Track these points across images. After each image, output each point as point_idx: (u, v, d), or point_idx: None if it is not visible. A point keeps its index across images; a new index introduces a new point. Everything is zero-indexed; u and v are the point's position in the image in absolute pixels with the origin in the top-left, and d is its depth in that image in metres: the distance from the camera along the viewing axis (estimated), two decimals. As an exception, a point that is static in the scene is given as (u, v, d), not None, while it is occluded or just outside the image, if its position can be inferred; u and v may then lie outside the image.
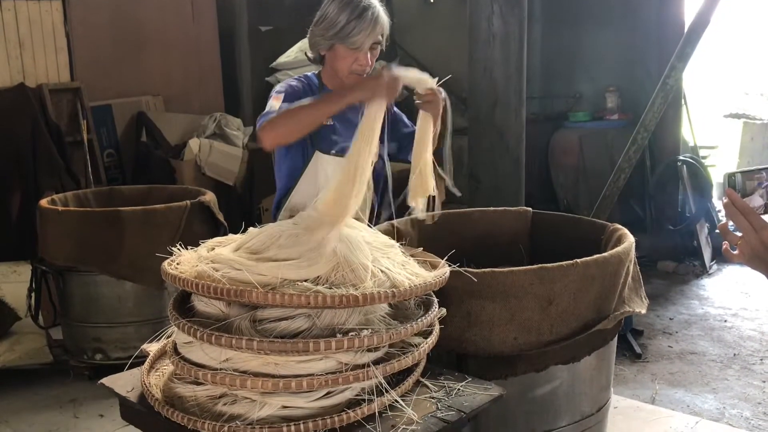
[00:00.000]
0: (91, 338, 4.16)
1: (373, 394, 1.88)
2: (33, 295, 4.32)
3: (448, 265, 2.19)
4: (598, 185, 5.38)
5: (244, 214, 2.36)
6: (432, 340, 2.06)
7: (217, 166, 5.83)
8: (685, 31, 4.95)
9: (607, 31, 6.78)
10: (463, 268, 2.28)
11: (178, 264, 2.02)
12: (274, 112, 2.52)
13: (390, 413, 1.90)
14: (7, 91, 5.23)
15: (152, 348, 2.24)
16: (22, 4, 5.36)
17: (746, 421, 3.62)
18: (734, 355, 4.46)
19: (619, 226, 2.81)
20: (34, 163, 5.13)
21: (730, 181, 1.31)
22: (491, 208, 3.40)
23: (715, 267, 6.28)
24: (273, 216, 2.87)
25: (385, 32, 2.66)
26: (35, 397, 4.06)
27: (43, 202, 4.20)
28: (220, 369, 1.82)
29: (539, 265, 2.40)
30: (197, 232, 3.81)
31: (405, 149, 2.84)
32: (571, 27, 7.01)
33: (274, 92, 2.68)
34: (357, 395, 1.89)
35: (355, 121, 2.70)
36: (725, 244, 1.33)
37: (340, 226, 2.02)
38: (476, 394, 2.04)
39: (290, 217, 2.71)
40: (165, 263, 2.01)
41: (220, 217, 4.29)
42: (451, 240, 3.01)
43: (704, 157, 6.76)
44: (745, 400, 3.85)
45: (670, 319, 5.12)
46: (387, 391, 1.89)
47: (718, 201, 6.75)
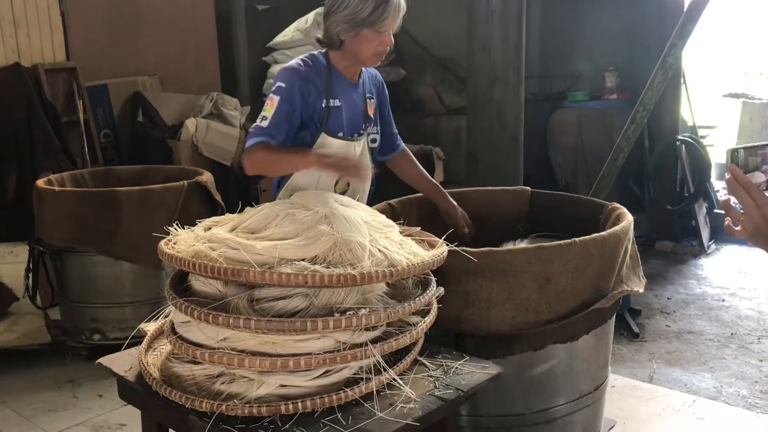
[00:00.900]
0: (89, 318, 4.16)
1: (371, 373, 1.88)
2: (30, 275, 4.31)
3: (446, 245, 2.18)
4: (597, 165, 5.36)
5: (241, 195, 2.34)
6: (430, 319, 2.06)
7: (214, 146, 5.80)
8: (685, 9, 4.92)
9: (606, 10, 6.73)
10: (461, 248, 2.27)
11: (175, 243, 2.02)
12: (263, 131, 2.57)
13: (388, 392, 1.91)
14: (2, 70, 5.19)
15: (150, 328, 2.24)
16: (17, -17, 5.31)
17: (743, 400, 3.64)
18: (732, 334, 4.47)
19: (618, 205, 2.81)
20: (31, 144, 5.11)
21: (733, 157, 1.30)
22: (489, 188, 3.39)
23: (713, 247, 6.28)
24: (274, 195, 2.86)
25: None
26: (34, 378, 4.06)
27: (40, 183, 4.18)
28: (218, 348, 1.82)
29: (537, 244, 2.39)
30: (194, 213, 3.79)
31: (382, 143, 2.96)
32: (571, 5, 6.97)
33: (276, 82, 2.65)
34: (355, 374, 1.90)
35: (354, 103, 2.72)
36: (727, 221, 1.32)
37: None
38: (474, 372, 2.04)
39: (289, 197, 2.72)
40: (162, 243, 2.00)
41: (218, 197, 4.28)
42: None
43: (703, 137, 6.74)
44: (742, 379, 3.86)
45: (668, 298, 5.12)
46: (385, 370, 1.90)
47: (716, 181, 6.74)
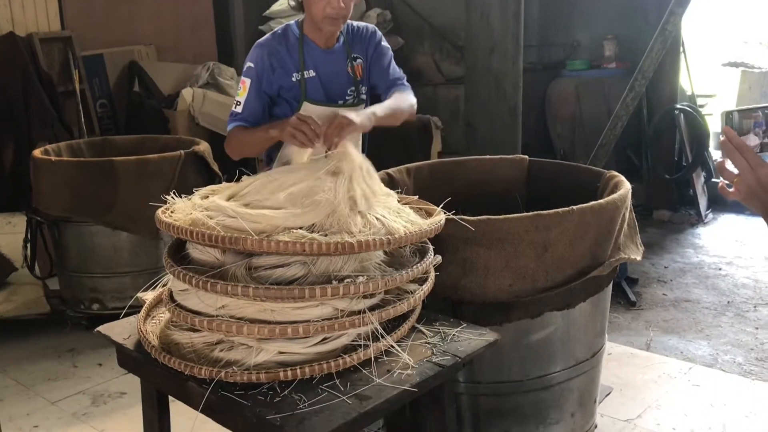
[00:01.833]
0: (88, 288, 4.17)
1: (369, 340, 1.89)
2: (29, 245, 4.32)
3: (444, 213, 2.18)
4: (595, 135, 5.35)
5: (238, 165, 2.34)
6: (427, 286, 2.06)
7: (211, 116, 5.77)
8: (685, -24, 4.87)
9: (605, -23, 6.68)
10: (458, 216, 2.27)
11: (172, 212, 2.01)
12: (238, 116, 2.64)
13: (386, 358, 1.92)
14: (-3, 40, 5.15)
15: (148, 296, 2.24)
16: (10, -50, 5.24)
17: (739, 367, 3.67)
18: (728, 302, 4.50)
19: (616, 174, 2.80)
20: (27, 114, 5.08)
21: (728, 119, 1.30)
22: (487, 156, 3.38)
23: (710, 216, 6.29)
24: (266, 164, 2.86)
25: None
26: (34, 347, 4.08)
27: (37, 153, 4.17)
28: (216, 316, 1.83)
29: (535, 212, 2.39)
30: (192, 183, 3.77)
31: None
32: (570, -27, 6.91)
33: (244, 70, 2.69)
34: (353, 341, 1.91)
35: (331, 70, 2.70)
36: (721, 182, 1.32)
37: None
38: (471, 339, 2.05)
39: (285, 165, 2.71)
40: (159, 211, 2.00)
41: (215, 167, 4.27)
42: (447, 188, 3.00)
43: (702, 106, 6.71)
44: (738, 347, 3.89)
45: (665, 267, 5.14)
46: (383, 337, 1.91)
47: (714, 150, 6.72)
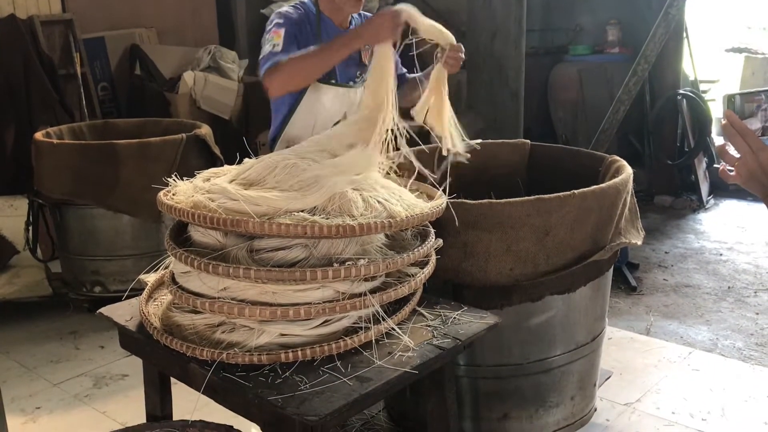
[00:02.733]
0: (90, 271, 4.18)
1: (370, 323, 1.90)
2: (30, 228, 4.33)
3: (445, 197, 2.18)
4: (597, 120, 5.34)
5: (239, 148, 2.33)
6: (428, 270, 2.07)
7: (213, 99, 5.76)
8: (689, -40, 4.84)
9: (609, -39, 6.64)
10: (459, 200, 2.28)
11: (174, 195, 2.01)
12: (278, 54, 2.49)
13: (387, 341, 1.93)
14: (-2, 22, 5.13)
15: (150, 278, 2.25)
16: (10, -68, 5.21)
17: (738, 352, 3.68)
18: (729, 288, 4.50)
19: (617, 158, 2.80)
20: (28, 97, 5.07)
21: (730, 102, 1.30)
22: (489, 141, 3.37)
23: (712, 202, 6.29)
24: (270, 148, 2.85)
25: None
26: (36, 329, 4.10)
27: (38, 136, 4.16)
28: (218, 298, 1.84)
29: (536, 196, 2.39)
30: (193, 166, 3.73)
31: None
32: (573, -44, 6.87)
33: (271, 24, 2.61)
34: (354, 323, 1.92)
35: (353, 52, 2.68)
36: (722, 166, 1.32)
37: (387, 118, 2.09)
38: (472, 322, 2.06)
39: (287, 148, 2.71)
40: (161, 194, 2.00)
41: (216, 150, 4.27)
42: (449, 172, 2.99)
43: (704, 92, 6.70)
44: (738, 332, 3.90)
45: (666, 252, 5.15)
46: (384, 320, 1.92)
47: (717, 136, 6.71)
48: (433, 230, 2.14)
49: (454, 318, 2.08)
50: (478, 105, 4.91)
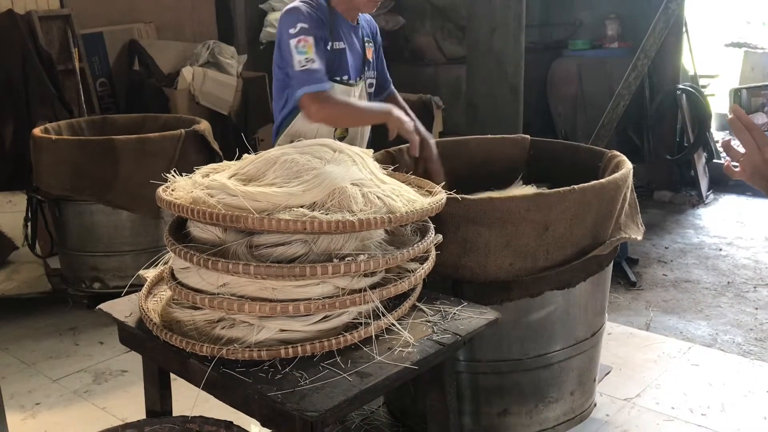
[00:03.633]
0: (89, 267, 4.18)
1: (370, 318, 1.90)
2: (29, 224, 4.32)
3: (445, 192, 2.18)
4: (597, 115, 5.34)
5: (238, 144, 2.32)
6: (428, 265, 2.07)
7: (211, 95, 5.75)
8: (689, -45, 4.83)
9: (608, -44, 6.63)
10: (459, 195, 2.27)
11: (173, 190, 2.01)
12: (317, 72, 2.51)
13: (387, 336, 1.92)
14: (-4, 18, 5.12)
15: (149, 274, 2.25)
16: (8, -73, 5.20)
17: (738, 347, 3.68)
18: (728, 283, 4.51)
19: (617, 153, 2.80)
20: (26, 92, 5.06)
21: (736, 96, 1.29)
22: (489, 136, 3.37)
23: (711, 197, 6.29)
24: (273, 141, 2.84)
25: None
26: (35, 325, 4.10)
27: (37, 131, 4.16)
28: (218, 294, 1.83)
29: (536, 192, 2.39)
30: (192, 162, 3.76)
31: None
32: (572, -49, 6.85)
33: (293, 25, 2.54)
34: (354, 319, 1.91)
35: (354, 45, 2.70)
36: (727, 161, 1.31)
37: None
38: (472, 318, 2.05)
39: (290, 143, 2.70)
40: (160, 189, 1.99)
41: (215, 146, 4.26)
42: (449, 167, 3.00)
43: (704, 86, 6.69)
44: (738, 327, 3.90)
45: (666, 248, 5.15)
46: (383, 315, 1.91)
47: (716, 131, 6.70)
48: (432, 226, 2.14)
49: (454, 313, 2.08)
50: (478, 100, 4.90)
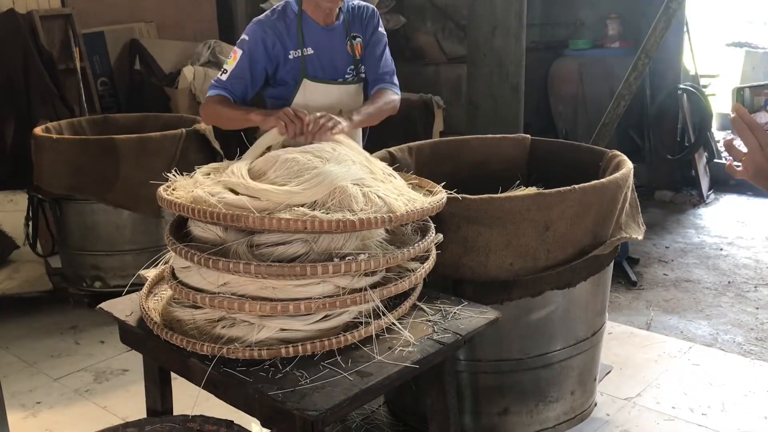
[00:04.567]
0: (90, 266, 4.18)
1: (371, 318, 1.90)
2: (30, 223, 4.32)
3: (445, 192, 2.18)
4: (598, 115, 5.32)
5: (239, 143, 2.33)
6: (429, 265, 2.07)
7: (213, 94, 5.75)
8: (690, -46, 4.82)
9: (609, -45, 6.62)
10: (460, 194, 2.27)
11: (174, 189, 2.01)
12: (222, 83, 2.63)
13: (387, 336, 1.93)
14: (-3, 17, 5.12)
15: (150, 274, 2.25)
16: (9, -74, 5.20)
17: (738, 346, 3.68)
18: (729, 282, 4.50)
19: (618, 153, 2.80)
20: (27, 92, 5.06)
21: (738, 96, 1.28)
22: (489, 135, 3.38)
23: (712, 197, 6.28)
24: None
25: None
26: (36, 324, 4.10)
27: (38, 130, 4.16)
28: (218, 293, 1.83)
29: (537, 191, 2.39)
30: (193, 161, 3.73)
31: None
32: (573, -50, 6.84)
33: (238, 42, 2.68)
34: (354, 319, 1.92)
35: (330, 48, 2.69)
36: (729, 161, 1.30)
37: None
38: (472, 317, 2.06)
39: (283, 145, 2.70)
40: (161, 189, 1.99)
41: (216, 145, 4.26)
42: (449, 167, 3.01)
43: (705, 86, 6.68)
44: (738, 326, 3.90)
45: (666, 247, 5.14)
46: (384, 315, 1.91)
47: (717, 131, 6.70)
48: (433, 225, 2.14)
49: (455, 313, 2.08)
50: (478, 99, 4.90)
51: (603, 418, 3.04)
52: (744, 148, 1.26)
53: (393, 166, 2.46)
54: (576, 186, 2.38)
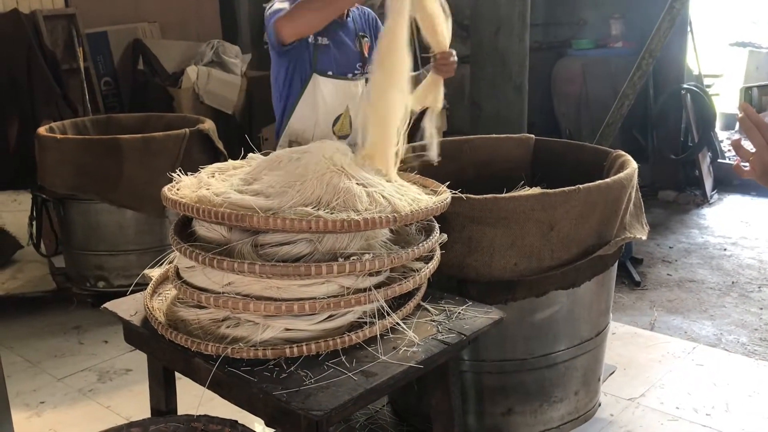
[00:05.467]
0: (94, 266, 4.18)
1: (375, 318, 1.90)
2: (34, 223, 4.33)
3: (450, 192, 2.18)
4: (601, 115, 5.32)
5: (242, 143, 2.33)
6: (433, 265, 2.06)
7: (216, 94, 5.76)
8: (694, -46, 4.82)
9: (612, -45, 6.61)
10: (464, 194, 2.27)
11: (178, 189, 2.01)
12: (284, 9, 2.53)
13: (391, 336, 1.92)
14: (0, 17, 5.13)
15: (154, 273, 2.25)
16: (13, -73, 5.21)
17: (742, 347, 3.67)
18: (732, 283, 4.50)
19: (622, 153, 2.80)
20: (31, 91, 5.08)
21: (746, 95, 1.28)
22: (493, 135, 3.38)
23: (716, 197, 6.28)
24: (275, 142, 2.86)
25: None
26: (39, 324, 4.10)
27: (41, 130, 4.16)
28: (223, 293, 1.83)
29: (541, 191, 2.39)
30: (197, 161, 3.74)
31: None
32: (577, -50, 6.84)
33: (272, 6, 2.63)
34: (359, 318, 1.91)
35: (343, 41, 2.69)
36: (737, 160, 1.30)
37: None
38: (476, 317, 2.05)
39: (290, 144, 2.71)
40: (165, 188, 1.99)
41: (220, 145, 4.26)
42: (453, 167, 3.00)
43: (709, 86, 6.68)
44: (742, 327, 3.90)
45: (670, 247, 5.14)
46: (388, 315, 1.91)
47: (721, 131, 6.69)
48: (437, 225, 2.14)
49: (459, 313, 2.08)
50: (482, 99, 4.89)
51: (607, 418, 3.03)
52: (751, 148, 1.26)
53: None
54: (580, 186, 2.38)
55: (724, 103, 7.38)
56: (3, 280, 4.28)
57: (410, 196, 2.05)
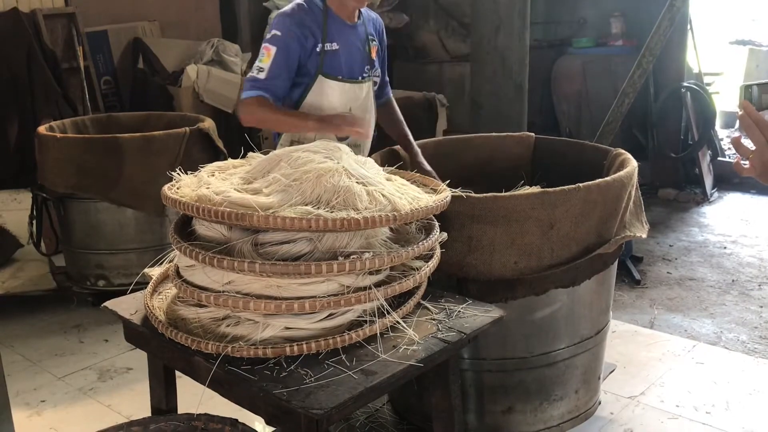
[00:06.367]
0: (94, 265, 4.18)
1: (375, 316, 1.90)
2: (34, 222, 4.33)
3: (450, 190, 2.18)
4: (601, 113, 5.32)
5: (243, 142, 2.34)
6: (433, 263, 2.07)
7: (216, 93, 5.76)
8: (694, -48, 4.82)
9: (613, -47, 6.61)
10: (464, 193, 2.27)
11: (178, 188, 2.01)
12: (260, 82, 2.56)
13: (391, 334, 1.93)
14: (1, 16, 5.13)
15: (154, 272, 2.25)
16: (12, -75, 5.20)
17: (742, 345, 3.67)
18: (733, 281, 4.50)
19: (622, 151, 2.80)
20: (31, 90, 5.07)
21: (746, 93, 1.27)
22: (493, 134, 3.37)
23: (716, 195, 6.28)
24: (274, 142, 2.85)
25: None
26: (40, 323, 4.10)
27: (42, 129, 4.16)
28: (223, 291, 1.83)
29: (541, 190, 2.39)
30: (197, 160, 3.74)
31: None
32: (577, -51, 6.83)
33: (270, 31, 2.62)
34: (359, 317, 1.91)
35: (352, 45, 2.69)
36: (737, 158, 1.30)
37: None
38: (476, 315, 2.05)
39: (291, 143, 2.71)
40: (165, 187, 1.99)
41: (220, 144, 4.26)
42: (453, 165, 3.01)
43: (709, 84, 6.68)
44: (742, 325, 3.90)
45: (670, 246, 5.14)
46: (388, 313, 1.91)
47: (721, 129, 6.69)
48: (437, 224, 2.14)
49: (459, 311, 2.08)
50: (482, 98, 4.89)
51: (607, 416, 3.03)
52: (751, 146, 1.25)
53: (396, 165, 2.47)
54: (580, 184, 2.38)
55: (724, 101, 7.38)
56: (3, 279, 4.28)
57: (410, 194, 2.05)
